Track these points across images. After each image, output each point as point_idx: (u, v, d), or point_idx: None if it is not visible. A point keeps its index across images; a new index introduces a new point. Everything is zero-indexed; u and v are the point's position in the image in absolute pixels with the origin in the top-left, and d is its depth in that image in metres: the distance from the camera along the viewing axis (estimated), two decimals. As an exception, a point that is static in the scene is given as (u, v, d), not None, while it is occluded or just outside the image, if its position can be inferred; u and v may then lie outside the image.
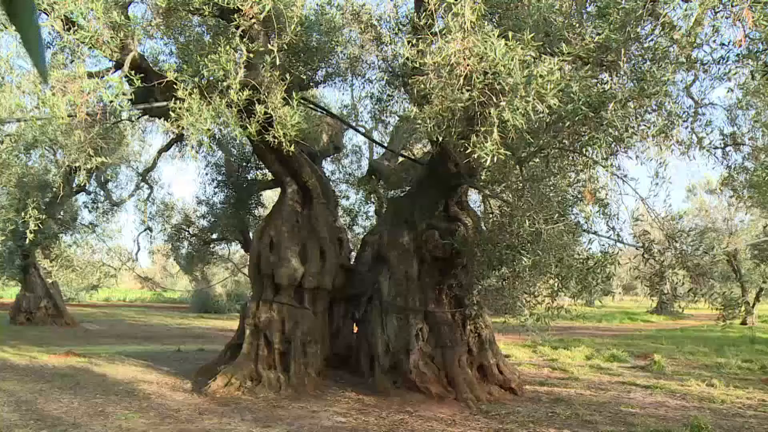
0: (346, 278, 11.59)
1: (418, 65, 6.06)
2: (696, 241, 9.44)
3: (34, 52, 0.84)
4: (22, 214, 14.74)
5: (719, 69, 7.39)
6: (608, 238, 8.82)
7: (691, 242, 9.05)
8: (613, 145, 7.72)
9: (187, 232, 19.95)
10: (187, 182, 68.63)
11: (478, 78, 5.84)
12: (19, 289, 24.47)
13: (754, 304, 33.00)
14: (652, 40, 6.89)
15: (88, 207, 24.13)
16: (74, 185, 21.56)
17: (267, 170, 12.95)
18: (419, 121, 6.54)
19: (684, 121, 8.28)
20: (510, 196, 9.11)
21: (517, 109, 5.72)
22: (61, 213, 23.26)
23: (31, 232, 13.04)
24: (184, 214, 20.80)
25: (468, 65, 5.78)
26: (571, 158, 8.51)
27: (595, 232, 8.87)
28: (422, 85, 6.14)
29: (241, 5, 7.29)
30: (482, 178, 9.81)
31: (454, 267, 10.65)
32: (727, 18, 6.62)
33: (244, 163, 15.50)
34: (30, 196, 17.00)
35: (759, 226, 28.60)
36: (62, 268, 23.94)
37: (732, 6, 6.33)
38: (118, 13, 8.45)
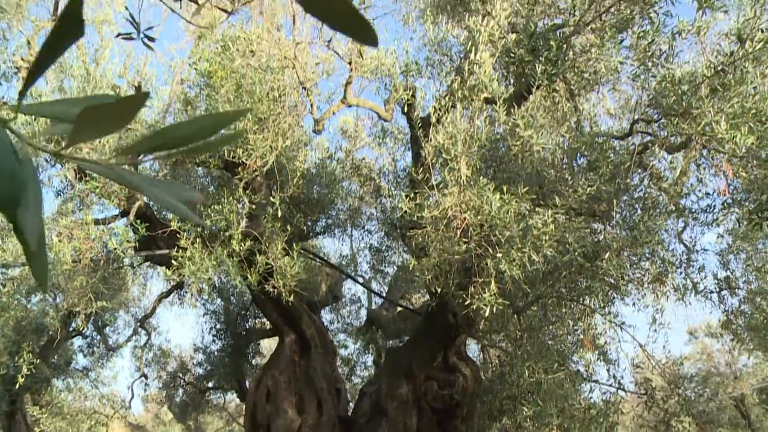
0: (344, 430, 11.24)
1: (415, 218, 6.24)
2: (700, 387, 9.26)
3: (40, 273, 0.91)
4: (16, 358, 14.50)
5: (707, 216, 7.62)
6: (609, 385, 8.69)
7: (694, 388, 8.89)
8: (609, 293, 7.79)
9: (182, 380, 19.53)
10: (186, 329, 68.01)
11: (474, 231, 5.99)
12: (1, 437, 23.53)
13: (768, 454, 31.60)
14: (641, 190, 7.14)
15: (83, 351, 23.69)
16: (71, 329, 21.33)
17: (266, 319, 12.91)
18: (417, 273, 6.64)
19: (678, 268, 8.39)
20: (509, 345, 9.04)
21: (514, 261, 5.83)
22: (55, 357, 22.83)
23: (22, 377, 12.78)
24: (180, 361, 20.45)
25: (464, 218, 5.95)
26: (568, 307, 8.53)
27: (596, 381, 8.74)
28: (420, 238, 6.29)
29: (246, 159, 7.60)
30: (481, 328, 9.78)
31: (454, 418, 10.37)
32: (709, 169, 6.92)
33: (243, 312, 15.45)
34: (26, 340, 16.79)
35: (764, 369, 28.01)
36: (51, 415, 23.16)
37: (712, 159, 6.64)
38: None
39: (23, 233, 0.85)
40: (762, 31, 5.52)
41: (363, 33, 0.83)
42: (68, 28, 0.85)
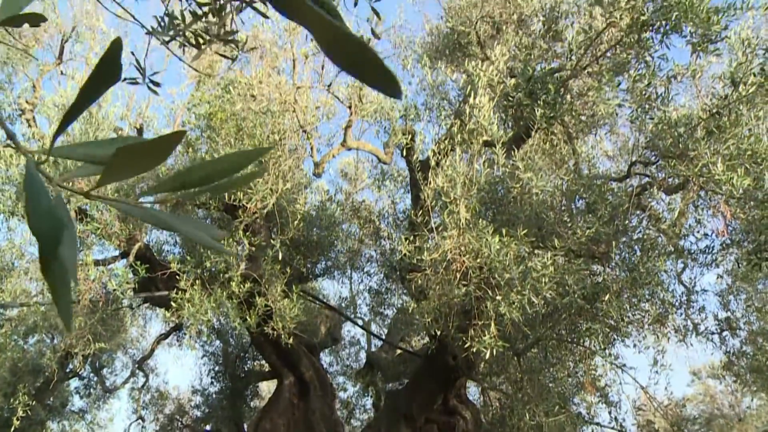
0: (343, 474, 11.09)
1: (415, 261, 6.24)
2: (703, 429, 9.14)
3: (63, 306, 0.92)
4: (11, 399, 14.33)
5: (706, 257, 7.62)
6: (611, 428, 8.60)
7: (698, 430, 8.77)
8: (610, 335, 7.75)
9: (180, 422, 19.28)
10: (184, 371, 67.25)
11: (474, 273, 5.99)
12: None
13: (777, 498, 30.92)
14: (640, 231, 7.15)
15: (80, 393, 23.41)
16: (68, 370, 21.11)
17: (265, 361, 12.82)
18: (417, 316, 6.62)
19: (678, 309, 8.37)
20: (509, 388, 8.96)
21: (513, 303, 5.81)
22: (51, 399, 22.54)
23: (17, 419, 12.61)
24: (178, 404, 20.23)
25: (464, 261, 5.95)
26: (569, 349, 8.49)
27: (597, 423, 8.66)
28: (419, 281, 6.29)
29: (246, 202, 7.63)
30: (481, 370, 9.70)
31: (455, 462, 10.22)
32: (707, 210, 6.95)
33: (242, 354, 15.32)
34: (22, 381, 16.60)
35: (768, 411, 27.60)
36: (45, 459, 22.78)
37: (710, 200, 6.68)
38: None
39: (64, 269, 0.87)
40: (754, 75, 5.60)
41: (388, 85, 0.85)
42: (106, 72, 0.88)
